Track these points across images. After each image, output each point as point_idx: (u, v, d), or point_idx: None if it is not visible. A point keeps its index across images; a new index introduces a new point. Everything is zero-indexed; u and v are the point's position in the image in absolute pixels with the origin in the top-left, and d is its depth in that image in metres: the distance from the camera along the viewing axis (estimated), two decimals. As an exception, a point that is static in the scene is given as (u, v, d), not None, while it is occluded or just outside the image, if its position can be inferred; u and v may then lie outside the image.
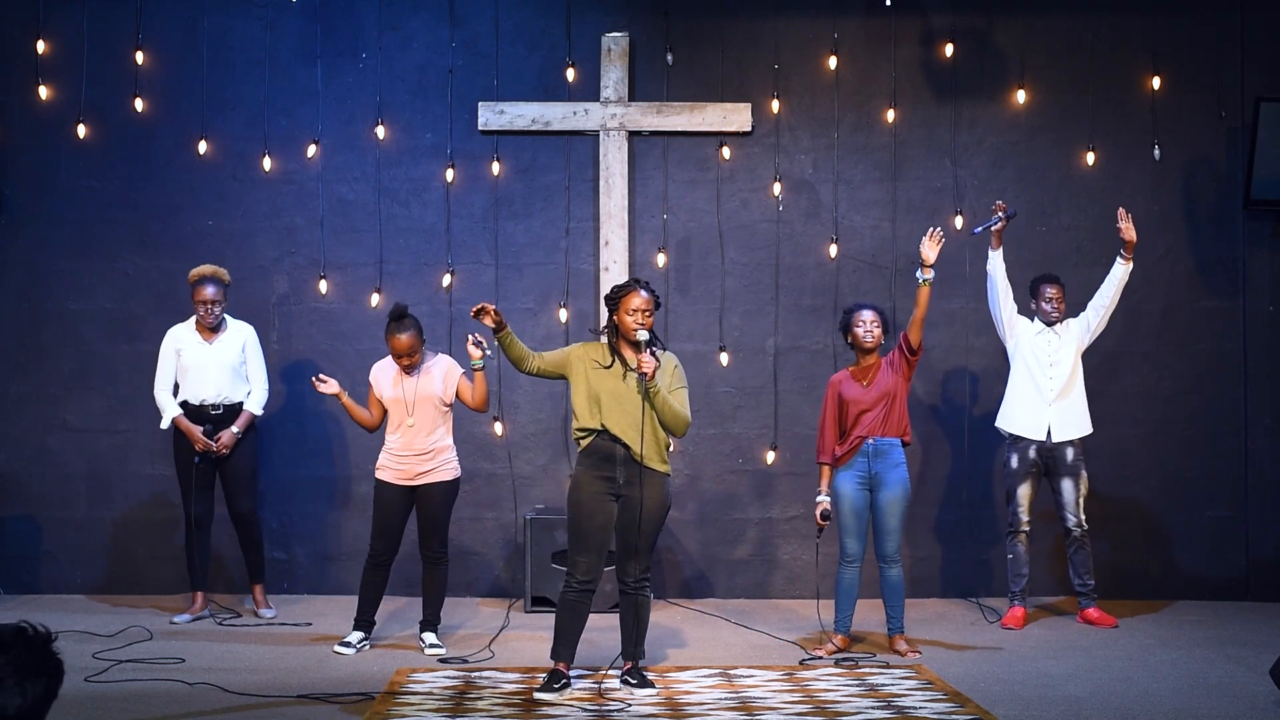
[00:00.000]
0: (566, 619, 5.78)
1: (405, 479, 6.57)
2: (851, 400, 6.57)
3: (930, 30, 8.18)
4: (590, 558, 5.73)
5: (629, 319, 5.69)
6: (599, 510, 5.72)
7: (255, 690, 5.71)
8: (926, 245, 6.62)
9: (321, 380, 6.61)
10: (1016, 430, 7.29)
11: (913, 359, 6.59)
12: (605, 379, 5.74)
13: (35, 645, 2.86)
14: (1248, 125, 8.03)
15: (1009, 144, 8.20)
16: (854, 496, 6.55)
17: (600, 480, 5.73)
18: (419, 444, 6.54)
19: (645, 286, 5.75)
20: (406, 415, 6.53)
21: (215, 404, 7.27)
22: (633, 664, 5.83)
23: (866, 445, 6.53)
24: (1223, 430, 8.17)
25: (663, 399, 5.67)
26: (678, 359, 5.90)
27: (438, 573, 6.64)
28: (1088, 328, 7.32)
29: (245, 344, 7.37)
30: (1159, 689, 5.82)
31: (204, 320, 7.26)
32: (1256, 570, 8.11)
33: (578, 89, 8.12)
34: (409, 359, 6.50)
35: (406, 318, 6.50)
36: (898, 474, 6.54)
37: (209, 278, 7.27)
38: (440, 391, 6.55)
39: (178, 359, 7.30)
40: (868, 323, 6.59)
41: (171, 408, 7.29)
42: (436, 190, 8.17)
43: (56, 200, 8.14)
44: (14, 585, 8.07)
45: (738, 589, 8.12)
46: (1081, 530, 7.24)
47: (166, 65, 8.14)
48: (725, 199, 8.18)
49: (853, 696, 5.66)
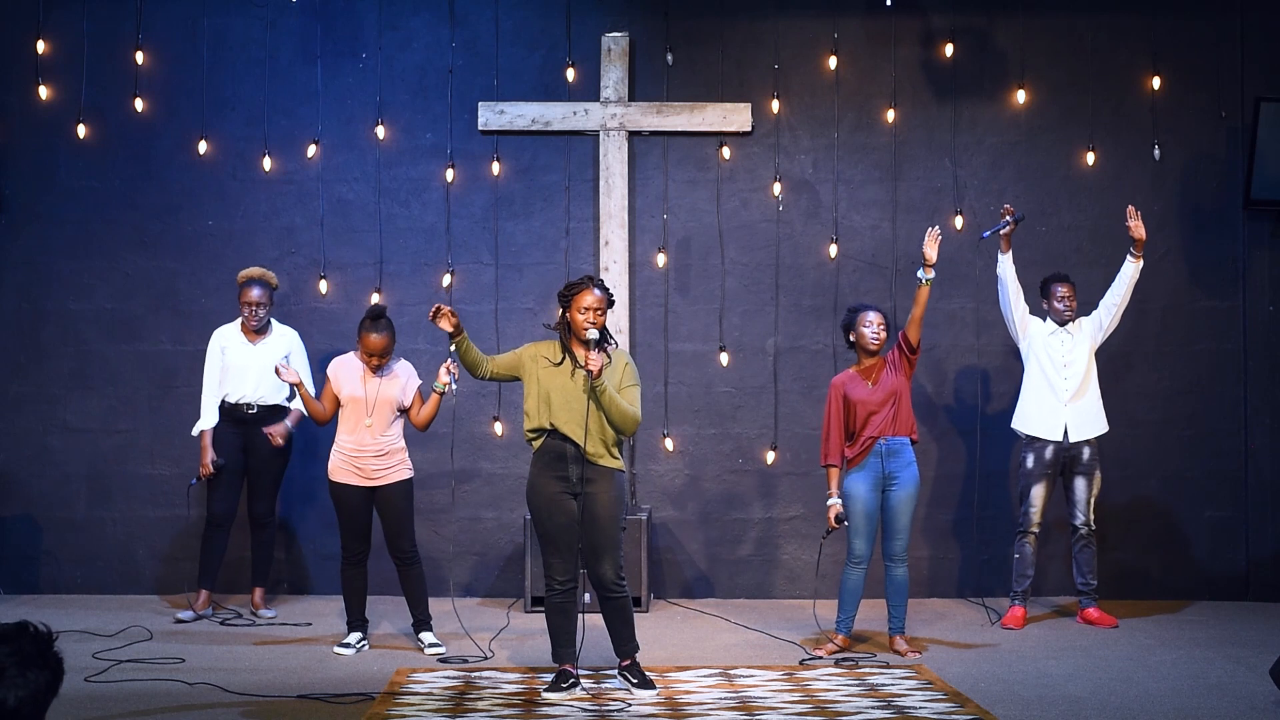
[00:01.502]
0: (558, 622, 5.79)
1: (362, 479, 6.58)
2: (859, 401, 6.55)
3: (930, 30, 8.18)
4: (562, 558, 5.73)
5: (580, 317, 5.70)
6: (559, 510, 5.72)
7: (255, 690, 5.71)
8: (928, 245, 6.62)
9: (284, 368, 6.63)
10: (1033, 431, 7.28)
11: (913, 358, 6.59)
12: (555, 376, 5.73)
13: (38, 639, 2.89)
14: (1248, 125, 8.03)
15: (1009, 144, 8.20)
16: (867, 498, 6.54)
17: (555, 480, 5.72)
18: (374, 444, 6.56)
19: (599, 285, 5.75)
20: (365, 415, 6.55)
21: (252, 404, 7.36)
22: (630, 660, 5.83)
23: (879, 445, 6.52)
24: (1223, 430, 8.17)
25: (609, 397, 5.65)
26: (630, 357, 5.91)
27: (413, 572, 6.66)
28: (1100, 326, 7.32)
29: (290, 350, 7.45)
30: (1159, 689, 5.82)
31: (249, 322, 7.35)
32: (1256, 570, 8.11)
33: (578, 89, 8.12)
34: (380, 359, 6.53)
35: (384, 319, 6.55)
36: (910, 472, 6.54)
37: (256, 280, 7.37)
38: (400, 396, 6.60)
39: (222, 357, 7.38)
40: (874, 324, 6.58)
41: (208, 418, 7.38)
42: (436, 190, 8.17)
43: (56, 200, 8.15)
44: (14, 585, 8.07)
45: (738, 589, 8.12)
46: (1089, 530, 7.24)
47: (166, 65, 8.14)
48: (725, 199, 8.18)
49: (853, 696, 5.66)
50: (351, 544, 6.63)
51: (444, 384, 6.40)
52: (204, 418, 7.40)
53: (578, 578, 5.80)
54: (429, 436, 7.37)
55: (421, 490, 7.73)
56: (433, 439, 7.62)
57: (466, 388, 8.03)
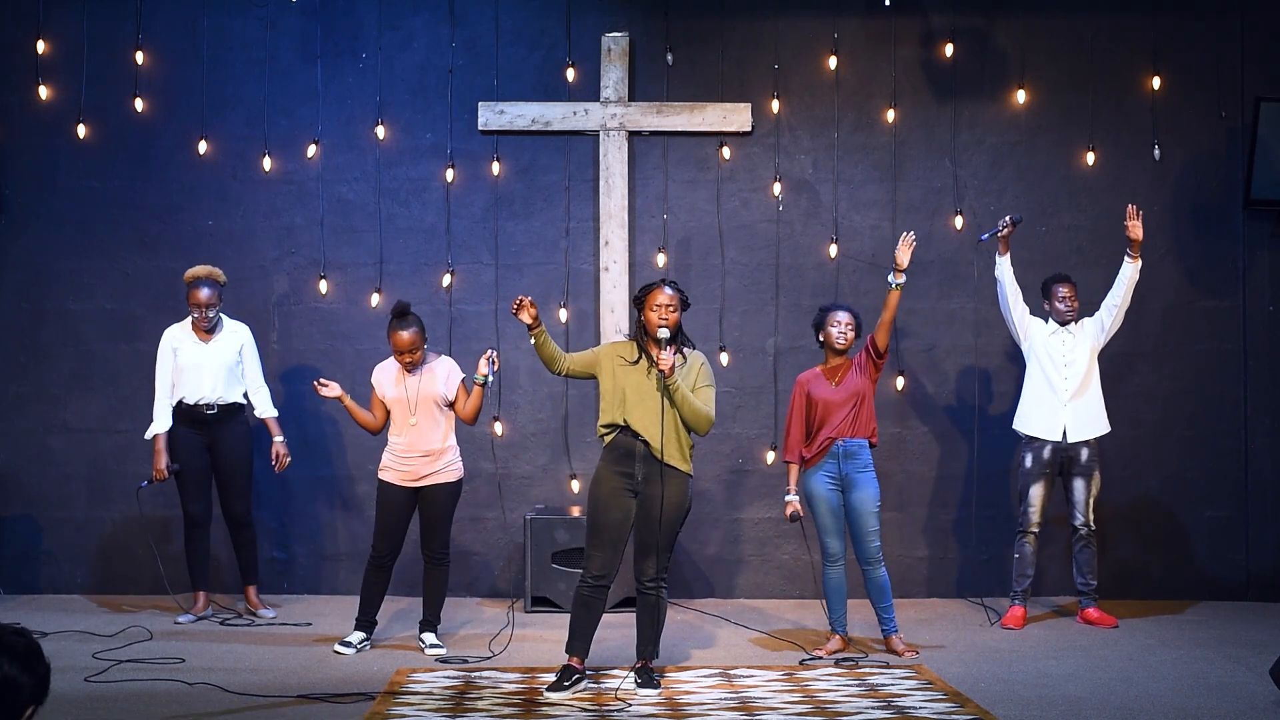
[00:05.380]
0: (580, 614, 5.84)
1: (409, 480, 6.55)
2: (821, 400, 6.55)
3: (930, 30, 8.18)
4: (605, 554, 5.78)
5: (653, 315, 5.79)
6: (616, 506, 5.77)
7: (255, 690, 5.71)
8: (900, 249, 6.62)
9: (323, 384, 6.58)
10: (1032, 431, 7.28)
11: (879, 362, 6.58)
12: (630, 375, 5.81)
13: (20, 636, 2.91)
14: (1248, 125, 8.02)
15: (1009, 144, 8.20)
16: (828, 496, 6.53)
17: (619, 476, 5.78)
18: (423, 444, 6.53)
19: (671, 284, 5.86)
20: (409, 414, 6.51)
21: (210, 403, 7.27)
22: (645, 662, 5.85)
23: (836, 446, 6.51)
24: (1223, 430, 8.17)
25: (683, 395, 5.72)
26: (705, 358, 5.95)
27: (439, 573, 6.64)
28: (1102, 327, 7.32)
29: (242, 345, 7.36)
30: (1159, 689, 5.82)
31: (199, 323, 7.25)
32: (1256, 570, 8.11)
33: (578, 89, 8.12)
34: (410, 356, 6.48)
35: (409, 314, 6.50)
36: (867, 476, 6.52)
37: (204, 279, 7.23)
38: (443, 391, 6.54)
39: (174, 358, 7.28)
40: (842, 324, 6.58)
41: (160, 422, 7.26)
42: (436, 190, 8.17)
43: (56, 200, 8.15)
44: (14, 585, 8.07)
45: (738, 589, 8.12)
46: (1089, 530, 7.24)
47: (166, 65, 8.14)
48: (725, 199, 8.18)
49: (853, 696, 5.66)
50: (382, 545, 6.59)
51: (484, 375, 6.30)
52: (156, 421, 7.25)
53: (613, 578, 5.85)
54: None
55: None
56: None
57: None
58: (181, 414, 7.27)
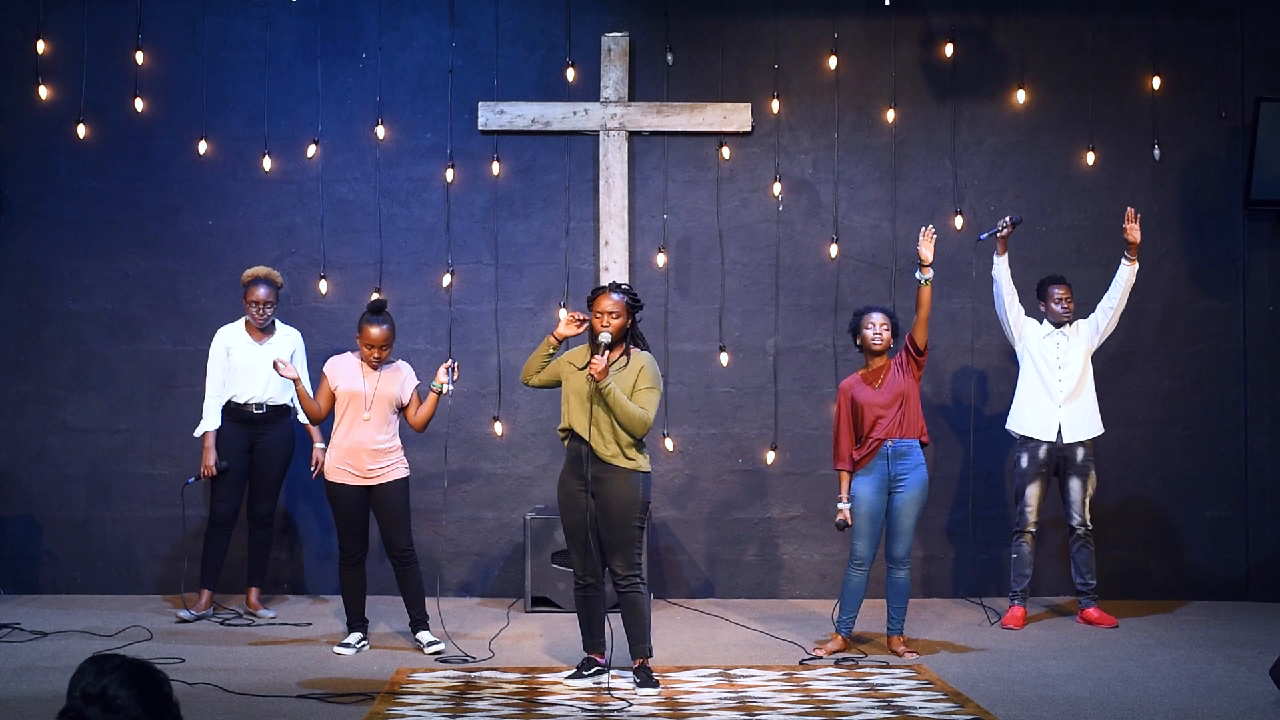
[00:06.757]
0: (580, 613, 6.04)
1: (358, 478, 6.56)
2: (866, 404, 6.56)
3: (930, 30, 8.18)
4: (579, 552, 5.95)
5: (596, 321, 5.90)
6: (574, 507, 5.92)
7: (255, 690, 5.71)
8: (923, 244, 6.63)
9: (284, 364, 6.58)
10: (1027, 432, 7.28)
11: (920, 359, 6.59)
12: (576, 379, 5.94)
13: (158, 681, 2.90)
14: (1248, 125, 8.03)
15: (1009, 144, 8.20)
16: (871, 500, 6.54)
17: (574, 478, 5.93)
18: (371, 441, 6.54)
19: (615, 289, 5.96)
20: (364, 409, 6.53)
21: (259, 404, 7.34)
22: (642, 661, 5.89)
23: (885, 447, 6.52)
24: (1223, 430, 8.17)
25: (615, 397, 5.79)
26: (652, 361, 6.00)
27: (411, 572, 6.65)
28: (1097, 329, 7.32)
29: (295, 349, 7.45)
30: (1159, 689, 5.82)
31: (255, 320, 7.32)
32: (1256, 570, 8.11)
33: (578, 89, 8.12)
34: (380, 352, 6.53)
35: (385, 312, 6.59)
36: (918, 475, 6.53)
37: (262, 279, 7.34)
38: (399, 393, 6.60)
39: (227, 358, 7.34)
40: (877, 325, 6.58)
41: (210, 419, 7.35)
42: (436, 190, 8.17)
43: (56, 200, 8.14)
44: (14, 585, 8.07)
45: (738, 589, 8.12)
46: (1086, 530, 7.24)
47: (166, 65, 8.14)
48: (725, 199, 8.18)
49: (853, 696, 5.66)
50: (348, 545, 6.62)
51: (442, 384, 6.47)
52: (206, 419, 7.37)
53: (598, 574, 5.97)
54: (429, 436, 7.37)
55: (422, 490, 7.74)
56: (432, 438, 7.63)
57: (465, 388, 8.04)
58: (229, 413, 7.34)
